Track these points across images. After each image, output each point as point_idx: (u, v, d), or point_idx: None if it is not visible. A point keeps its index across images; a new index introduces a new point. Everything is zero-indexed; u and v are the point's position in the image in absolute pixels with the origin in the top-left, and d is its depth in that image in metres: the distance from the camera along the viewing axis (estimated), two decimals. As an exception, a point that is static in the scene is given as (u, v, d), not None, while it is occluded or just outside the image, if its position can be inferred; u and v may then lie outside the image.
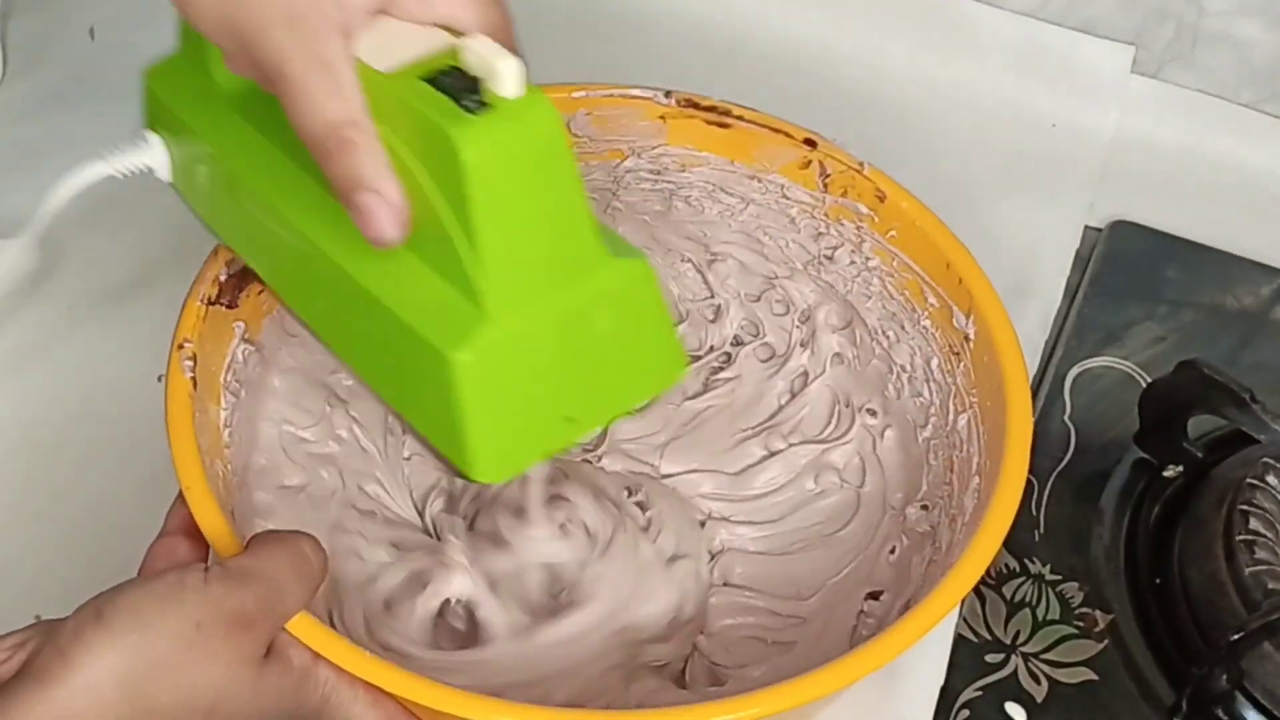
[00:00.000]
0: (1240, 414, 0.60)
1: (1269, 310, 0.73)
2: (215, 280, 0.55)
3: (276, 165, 0.48)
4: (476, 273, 0.43)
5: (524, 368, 0.45)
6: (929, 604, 0.48)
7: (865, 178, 0.60)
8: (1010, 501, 0.51)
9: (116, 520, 0.59)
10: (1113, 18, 0.81)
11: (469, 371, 0.44)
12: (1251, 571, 0.58)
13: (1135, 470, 0.65)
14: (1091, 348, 0.70)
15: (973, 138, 0.80)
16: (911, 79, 0.82)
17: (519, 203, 0.43)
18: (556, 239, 0.44)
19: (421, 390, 0.46)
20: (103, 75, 0.77)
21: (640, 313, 0.47)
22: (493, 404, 0.45)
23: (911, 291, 0.60)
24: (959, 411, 0.57)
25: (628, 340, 0.47)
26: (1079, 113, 0.80)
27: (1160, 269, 0.74)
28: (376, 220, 0.43)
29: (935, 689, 0.58)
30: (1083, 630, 0.61)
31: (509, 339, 0.44)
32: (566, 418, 0.47)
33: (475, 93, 0.42)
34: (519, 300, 0.44)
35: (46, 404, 0.65)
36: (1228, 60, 0.80)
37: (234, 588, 0.44)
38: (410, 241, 0.44)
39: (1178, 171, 0.79)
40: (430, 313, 0.44)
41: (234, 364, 0.56)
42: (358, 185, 0.43)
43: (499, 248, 0.43)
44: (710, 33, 0.83)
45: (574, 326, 0.45)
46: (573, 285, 0.45)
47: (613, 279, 0.46)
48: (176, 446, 0.50)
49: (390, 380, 0.48)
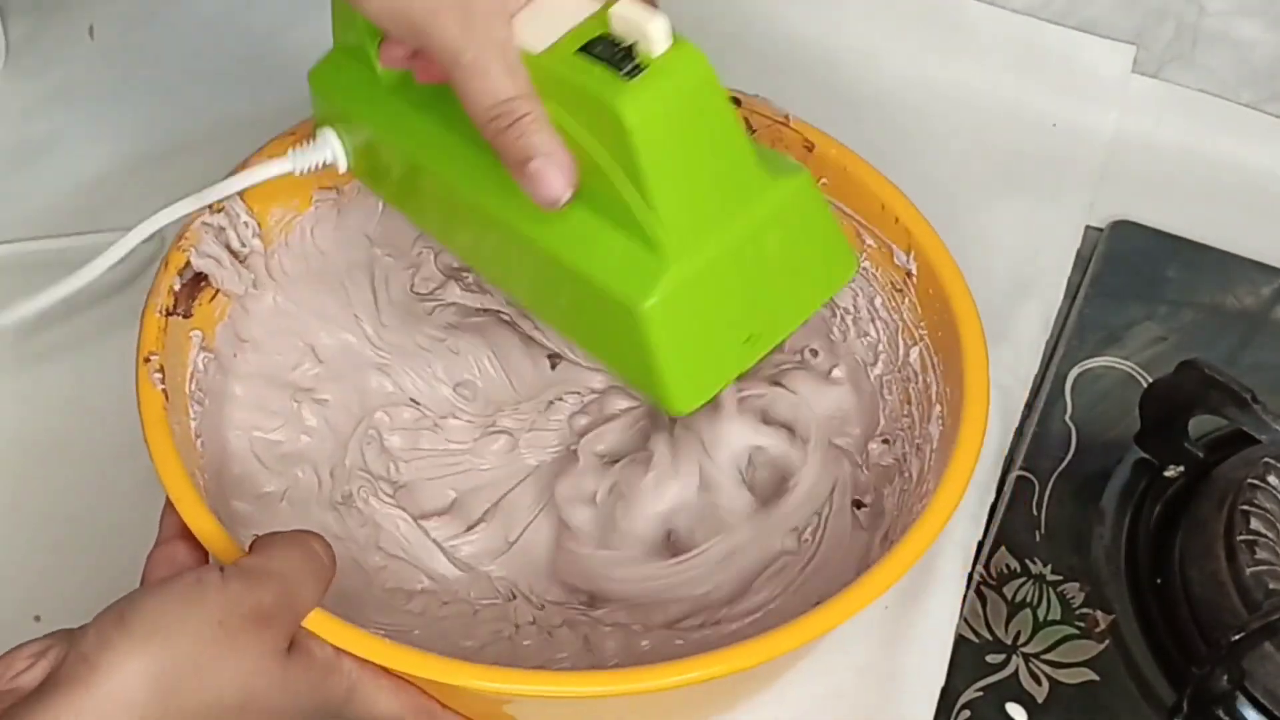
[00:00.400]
0: (1241, 414, 0.60)
1: (1269, 310, 0.73)
2: (170, 290, 0.55)
3: (445, 143, 0.52)
4: (651, 223, 0.46)
5: (706, 302, 0.48)
6: (926, 519, 0.50)
7: (792, 129, 0.61)
8: (979, 417, 0.53)
9: (116, 520, 0.59)
10: (1113, 18, 0.81)
11: (656, 317, 0.47)
12: (1252, 572, 0.58)
13: (1136, 470, 0.65)
14: (1092, 348, 0.70)
15: (973, 138, 0.80)
16: (911, 79, 0.82)
17: (683, 151, 0.47)
18: (720, 175, 0.48)
19: (614, 337, 0.49)
20: (103, 75, 0.77)
21: (806, 225, 0.50)
22: (681, 341, 0.48)
23: (847, 235, 0.60)
24: (909, 345, 0.59)
25: (797, 253, 0.50)
26: (1079, 113, 0.80)
27: (1161, 269, 0.74)
28: (548, 182, 0.47)
29: (936, 689, 0.58)
30: (1084, 630, 0.61)
31: (689, 280, 0.47)
32: (749, 338, 0.50)
33: (629, 57, 0.46)
34: (694, 240, 0.47)
35: (47, 404, 0.65)
36: (1228, 60, 0.80)
37: (251, 585, 0.45)
38: (584, 201, 0.47)
39: (1178, 171, 0.79)
40: (613, 266, 0.48)
41: (196, 373, 0.57)
42: (530, 154, 0.47)
43: (670, 197, 0.46)
44: (709, 32, 0.83)
45: (747, 253, 0.48)
46: (740, 214, 0.48)
47: (776, 200, 0.49)
48: (159, 459, 0.50)
49: (585, 331, 0.52)
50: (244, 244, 0.59)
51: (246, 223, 0.58)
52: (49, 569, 0.60)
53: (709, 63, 0.47)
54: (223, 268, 0.58)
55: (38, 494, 0.62)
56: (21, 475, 0.63)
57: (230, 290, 0.59)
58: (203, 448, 0.56)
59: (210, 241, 0.57)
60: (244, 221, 0.58)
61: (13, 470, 0.63)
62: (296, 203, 0.61)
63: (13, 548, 0.60)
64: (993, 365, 0.58)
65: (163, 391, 0.53)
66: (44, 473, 0.63)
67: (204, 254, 0.57)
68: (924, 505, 0.52)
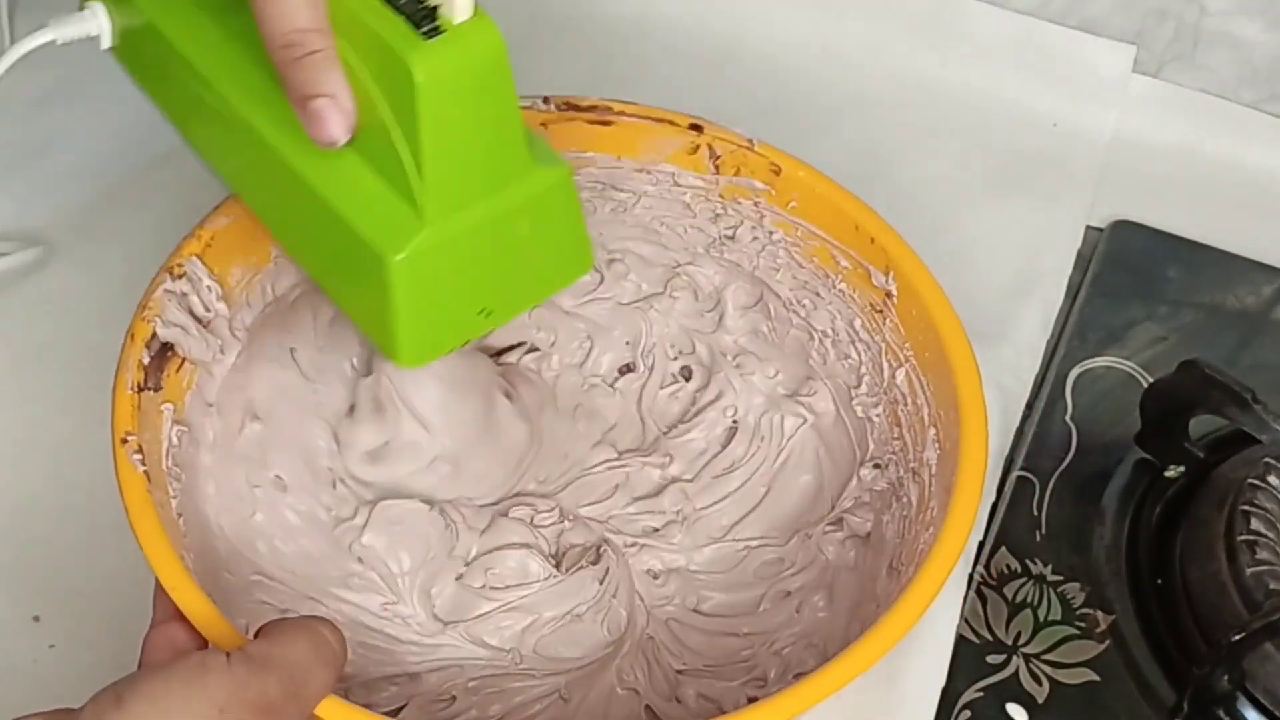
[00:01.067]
0: (1241, 414, 0.60)
1: (1269, 310, 0.73)
2: (139, 365, 0.54)
3: (226, 55, 0.52)
4: (417, 181, 0.47)
5: (451, 268, 0.49)
6: (935, 559, 0.50)
7: (757, 154, 0.61)
8: (979, 447, 0.53)
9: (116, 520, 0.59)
10: (1113, 18, 0.81)
11: (404, 271, 0.48)
12: (1253, 572, 0.58)
13: (1137, 470, 0.65)
14: (1093, 348, 0.70)
15: (973, 138, 0.80)
16: (911, 79, 0.82)
17: (463, 120, 0.47)
18: (492, 151, 0.49)
19: (357, 282, 0.51)
20: (103, 75, 0.77)
21: (557, 216, 0.52)
22: (422, 300, 0.49)
23: (821, 258, 0.61)
24: (894, 367, 0.59)
25: (544, 241, 0.52)
26: (1079, 113, 0.80)
27: (1161, 269, 0.74)
28: (326, 123, 0.47)
29: (936, 690, 0.58)
30: (1084, 631, 0.61)
31: (442, 243, 0.48)
32: (484, 311, 0.51)
33: (430, 18, 0.46)
34: (453, 207, 0.48)
35: (46, 404, 0.65)
36: (1228, 60, 0.80)
37: (256, 672, 0.43)
38: (357, 145, 0.48)
39: (1178, 171, 0.79)
40: (371, 214, 0.48)
41: (171, 448, 0.55)
42: (314, 90, 0.47)
43: (441, 160, 0.47)
44: (709, 33, 0.83)
45: (499, 230, 0.50)
46: (501, 193, 0.49)
47: (536, 187, 0.50)
48: (149, 547, 0.49)
49: (326, 269, 0.53)
50: (208, 308, 0.57)
51: (209, 286, 0.57)
52: (49, 569, 0.60)
53: (504, 41, 0.47)
54: (189, 335, 0.56)
55: (37, 493, 0.62)
56: (21, 475, 0.63)
57: (198, 358, 0.57)
58: (185, 526, 0.54)
59: (174, 309, 0.56)
60: (206, 285, 0.57)
61: (13, 470, 0.63)
62: (256, 259, 0.59)
63: (13, 548, 0.60)
64: (993, 365, 0.58)
65: (144, 474, 0.51)
66: (44, 472, 0.63)
67: (169, 323, 0.55)
68: (931, 535, 0.51)
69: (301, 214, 0.51)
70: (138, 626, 0.49)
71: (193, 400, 0.57)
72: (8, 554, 0.60)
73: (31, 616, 0.58)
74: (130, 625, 0.50)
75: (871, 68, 0.82)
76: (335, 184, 0.49)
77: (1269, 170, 0.79)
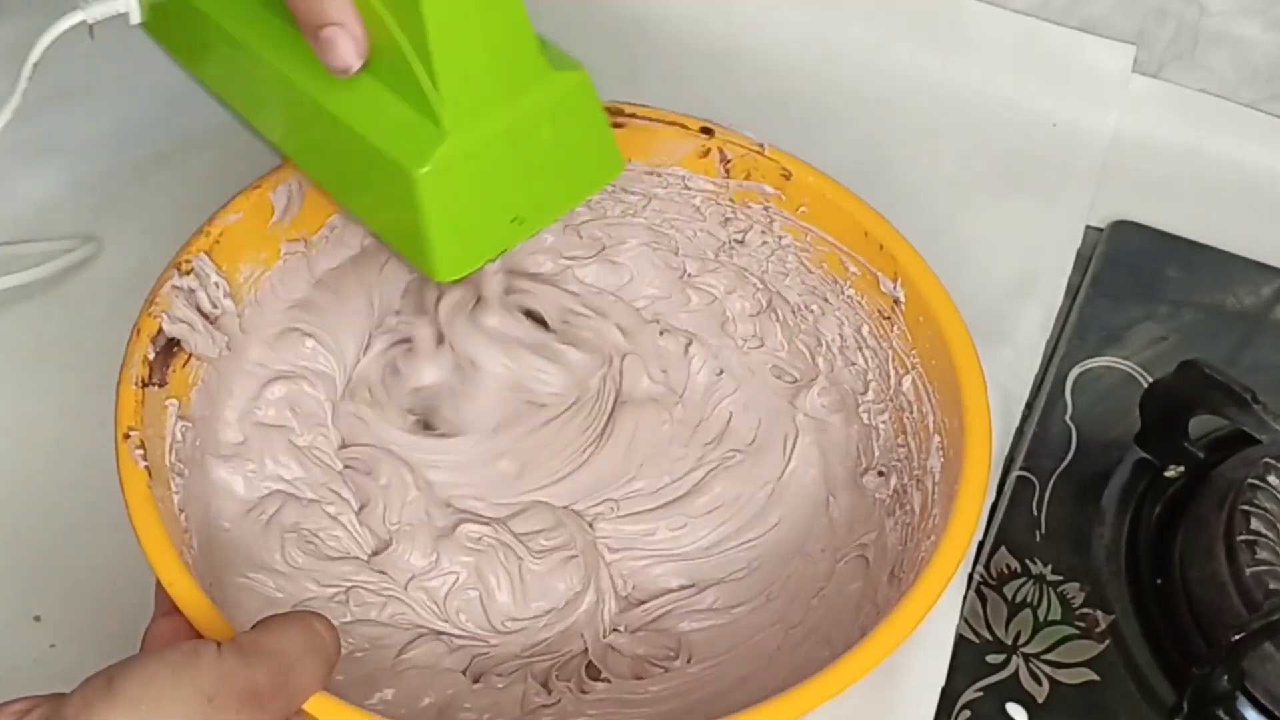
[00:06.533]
0: (1241, 414, 0.60)
1: (1269, 310, 0.73)
2: (144, 360, 0.54)
3: (251, 8, 0.53)
4: (433, 94, 0.49)
5: (477, 177, 0.50)
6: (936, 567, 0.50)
7: (767, 158, 0.61)
8: (982, 455, 0.53)
9: (116, 520, 0.59)
10: (1113, 17, 0.81)
11: (430, 184, 0.49)
12: (1253, 572, 0.58)
13: (1136, 470, 0.65)
14: (1093, 348, 0.70)
15: (973, 138, 0.80)
16: (911, 79, 0.82)
17: (470, 29, 0.49)
18: (503, 59, 0.50)
19: (387, 203, 0.52)
20: (103, 75, 0.77)
21: (579, 120, 0.53)
22: (451, 211, 0.50)
23: (830, 264, 0.61)
24: (901, 374, 0.59)
25: (568, 146, 0.53)
26: (1079, 113, 0.80)
27: (1161, 269, 0.74)
28: (338, 50, 0.49)
29: (936, 690, 0.58)
30: (1084, 631, 0.61)
31: (464, 152, 0.49)
32: (515, 219, 0.52)
33: None
34: (472, 117, 0.49)
35: (47, 404, 0.65)
36: (1228, 60, 0.80)
37: (247, 662, 0.43)
38: (372, 70, 0.50)
39: (1178, 171, 0.79)
40: (393, 133, 0.50)
41: (175, 444, 0.55)
42: (323, 19, 0.49)
43: (453, 71, 0.49)
44: (709, 34, 0.83)
45: (521, 136, 0.51)
46: (519, 99, 0.50)
47: (554, 90, 0.51)
48: (146, 541, 0.49)
49: (358, 197, 0.54)
50: (215, 305, 0.57)
51: (217, 283, 0.57)
52: (49, 569, 0.60)
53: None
54: (195, 331, 0.56)
55: (37, 493, 0.62)
56: (22, 474, 0.63)
57: (203, 354, 0.57)
58: (187, 521, 0.54)
59: (181, 305, 0.56)
60: (214, 281, 0.57)
61: (13, 470, 0.63)
62: (264, 256, 0.59)
63: (13, 548, 0.60)
64: (993, 365, 0.58)
65: (146, 469, 0.51)
66: (44, 472, 0.63)
67: (176, 319, 0.55)
68: (932, 544, 0.51)
69: (333, 148, 0.52)
70: (139, 626, 0.49)
71: (199, 396, 0.57)
72: (8, 554, 0.60)
73: (32, 616, 0.58)
74: (131, 625, 0.50)
75: (872, 68, 0.82)
76: (357, 110, 0.50)
77: (1269, 170, 0.79)
